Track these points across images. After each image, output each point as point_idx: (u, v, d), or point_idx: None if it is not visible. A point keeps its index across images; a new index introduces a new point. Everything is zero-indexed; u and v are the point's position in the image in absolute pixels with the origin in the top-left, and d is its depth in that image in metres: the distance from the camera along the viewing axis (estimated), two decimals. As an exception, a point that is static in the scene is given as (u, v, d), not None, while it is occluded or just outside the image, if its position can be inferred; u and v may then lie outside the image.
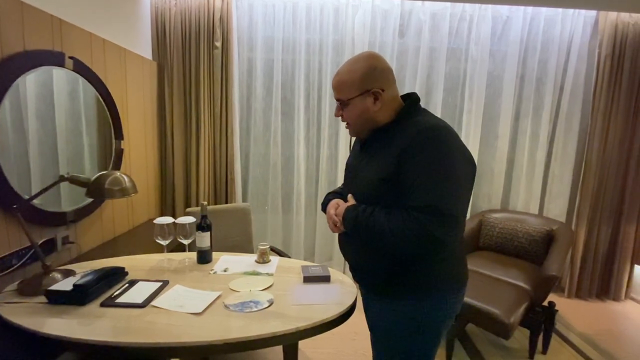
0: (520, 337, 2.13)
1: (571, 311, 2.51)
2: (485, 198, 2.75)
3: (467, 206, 0.94)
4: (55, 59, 1.44)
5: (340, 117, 1.02)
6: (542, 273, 1.90)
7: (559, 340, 2.14)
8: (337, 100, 1.00)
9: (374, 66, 0.94)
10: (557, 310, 1.96)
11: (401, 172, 0.89)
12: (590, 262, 2.66)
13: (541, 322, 1.89)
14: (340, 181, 2.66)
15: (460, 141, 0.93)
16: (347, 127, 1.04)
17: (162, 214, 2.53)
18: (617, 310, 2.57)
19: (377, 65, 0.95)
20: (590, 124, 2.57)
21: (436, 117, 0.97)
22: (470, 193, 0.96)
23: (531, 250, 2.28)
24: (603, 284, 2.72)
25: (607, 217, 2.62)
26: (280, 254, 1.95)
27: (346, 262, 2.71)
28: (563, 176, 2.68)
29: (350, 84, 0.95)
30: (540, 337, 1.96)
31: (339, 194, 1.15)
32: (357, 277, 1.09)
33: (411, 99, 1.00)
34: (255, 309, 1.06)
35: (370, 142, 1.02)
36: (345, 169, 1.14)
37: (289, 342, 1.01)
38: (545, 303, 1.95)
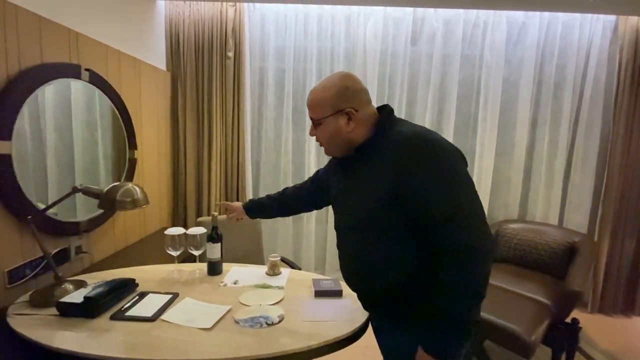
0: (542, 356, 2.03)
1: (595, 327, 2.39)
2: (502, 208, 2.66)
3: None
4: (72, 71, 1.47)
5: (315, 137, 0.99)
6: (564, 288, 1.81)
7: (583, 359, 2.03)
8: (311, 119, 0.98)
9: (346, 86, 0.92)
10: (580, 328, 1.86)
11: (402, 189, 0.83)
12: (614, 275, 2.54)
13: (564, 340, 1.80)
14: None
15: (446, 140, 0.88)
16: (321, 146, 1.01)
17: (173, 224, 2.54)
18: (645, 327, 2.44)
19: (350, 85, 0.93)
20: (612, 130, 2.48)
21: (414, 124, 0.93)
22: None
23: (551, 263, 2.19)
24: (628, 299, 2.58)
25: (632, 228, 2.50)
26: (291, 265, 1.92)
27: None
28: (584, 185, 2.57)
29: (322, 103, 0.93)
30: (563, 356, 1.86)
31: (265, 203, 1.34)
32: (367, 306, 1.05)
33: (385, 111, 0.96)
34: (266, 325, 1.04)
35: (352, 165, 0.97)
36: (330, 194, 1.09)
37: (300, 361, 0.97)
38: (568, 320, 1.85)
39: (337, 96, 0.92)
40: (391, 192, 0.85)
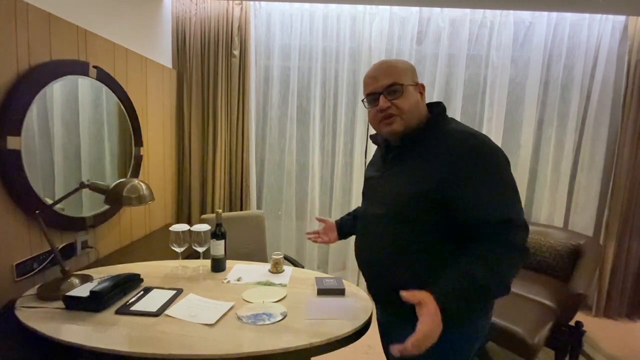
0: (545, 358, 2.02)
1: (599, 331, 2.37)
2: (506, 209, 2.64)
3: None
4: (80, 68, 1.49)
5: (381, 110, 0.89)
6: (568, 290, 1.80)
7: (587, 363, 2.02)
8: (390, 85, 0.89)
9: (414, 68, 0.96)
10: (585, 331, 1.85)
11: (454, 187, 0.82)
12: (619, 279, 2.51)
13: (567, 343, 1.78)
14: (355, 189, 2.63)
15: (495, 142, 0.89)
16: (387, 121, 0.90)
17: (178, 220, 2.56)
18: (650, 331, 2.41)
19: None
20: (620, 132, 2.45)
21: (466, 125, 0.93)
22: None
23: (556, 265, 2.17)
24: (634, 303, 2.55)
25: (638, 231, 2.47)
26: (294, 263, 1.93)
27: (360, 274, 2.66)
28: (590, 187, 2.55)
29: (405, 71, 0.91)
30: (566, 359, 1.85)
31: (352, 217, 1.20)
32: (380, 298, 1.03)
33: (440, 107, 0.96)
34: (268, 322, 1.04)
35: (396, 152, 0.95)
36: (365, 183, 1.08)
37: (302, 358, 0.98)
38: (572, 322, 1.84)
39: (413, 70, 0.94)
40: (439, 186, 0.83)
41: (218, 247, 1.40)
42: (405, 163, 0.92)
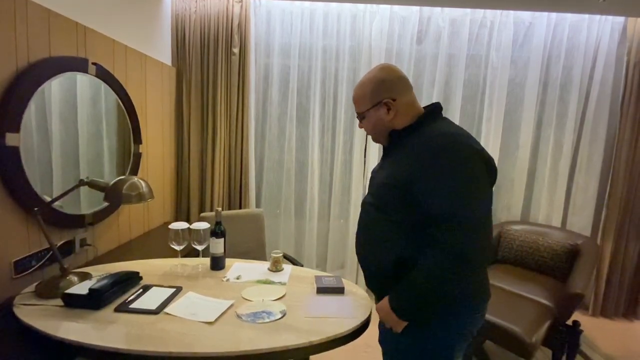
0: (542, 358, 2.03)
1: (596, 331, 2.38)
2: (505, 209, 2.66)
3: (489, 215, 0.90)
4: (79, 65, 1.48)
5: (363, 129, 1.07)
6: (566, 290, 1.81)
7: (583, 362, 2.03)
8: (357, 115, 1.06)
9: (382, 79, 0.99)
10: (582, 330, 1.86)
11: (414, 179, 0.88)
12: (617, 279, 2.53)
13: (565, 342, 1.80)
14: (354, 187, 2.63)
15: (481, 149, 0.89)
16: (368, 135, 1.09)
17: (177, 219, 2.56)
18: (647, 331, 2.43)
19: (386, 77, 0.99)
20: (618, 133, 2.46)
21: (456, 126, 0.95)
22: (491, 202, 0.92)
23: (554, 265, 2.18)
24: (631, 303, 2.57)
25: (636, 231, 2.49)
26: (293, 261, 1.93)
27: (359, 272, 2.66)
28: (588, 187, 2.56)
29: (362, 98, 1.02)
30: (563, 358, 1.86)
31: None
32: (368, 283, 1.07)
33: (432, 107, 1.01)
34: (268, 320, 1.04)
35: (389, 148, 1.04)
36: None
37: (301, 357, 0.98)
38: (569, 322, 1.85)
39: (374, 90, 0.99)
40: (407, 181, 0.90)
41: (217, 246, 1.40)
42: (391, 158, 1.01)
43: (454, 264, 0.83)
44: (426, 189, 0.86)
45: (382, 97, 0.98)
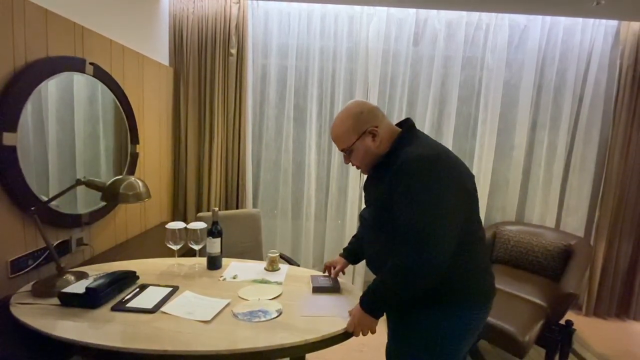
0: (535, 356, 2.05)
1: (589, 330, 2.42)
2: (500, 210, 2.68)
3: (455, 230, 0.92)
4: (77, 64, 1.48)
5: (350, 163, 1.10)
6: (559, 290, 1.83)
7: (576, 361, 2.06)
8: (342, 150, 1.08)
9: (360, 111, 1.03)
10: (574, 330, 1.88)
11: (390, 201, 0.96)
12: (609, 279, 2.56)
13: (558, 341, 1.82)
14: (350, 188, 2.64)
15: (452, 167, 0.95)
16: (358, 169, 1.12)
17: (173, 218, 2.56)
18: (638, 330, 2.46)
19: (363, 109, 1.04)
20: (611, 135, 2.49)
21: (428, 146, 0.98)
22: (461, 217, 0.94)
23: (547, 265, 2.21)
24: (623, 303, 2.61)
25: (628, 232, 2.52)
26: (289, 261, 1.94)
27: (355, 272, 2.67)
28: (581, 189, 2.59)
29: (346, 134, 1.04)
30: (557, 357, 1.88)
31: (357, 239, 1.31)
32: None
33: (406, 126, 1.06)
34: (264, 319, 1.05)
35: (372, 175, 1.11)
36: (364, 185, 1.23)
37: (297, 355, 0.99)
38: (563, 321, 1.88)
39: (356, 122, 1.03)
40: (386, 202, 0.98)
41: (214, 245, 1.41)
42: (376, 180, 1.06)
43: (400, 274, 0.91)
44: (397, 201, 0.94)
45: (366, 127, 1.02)
